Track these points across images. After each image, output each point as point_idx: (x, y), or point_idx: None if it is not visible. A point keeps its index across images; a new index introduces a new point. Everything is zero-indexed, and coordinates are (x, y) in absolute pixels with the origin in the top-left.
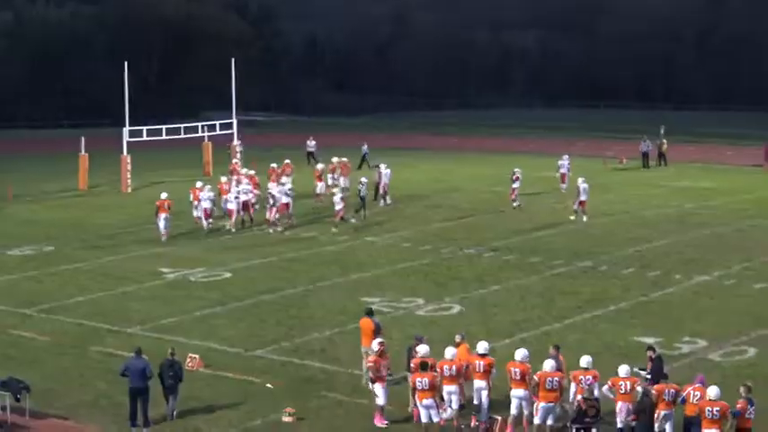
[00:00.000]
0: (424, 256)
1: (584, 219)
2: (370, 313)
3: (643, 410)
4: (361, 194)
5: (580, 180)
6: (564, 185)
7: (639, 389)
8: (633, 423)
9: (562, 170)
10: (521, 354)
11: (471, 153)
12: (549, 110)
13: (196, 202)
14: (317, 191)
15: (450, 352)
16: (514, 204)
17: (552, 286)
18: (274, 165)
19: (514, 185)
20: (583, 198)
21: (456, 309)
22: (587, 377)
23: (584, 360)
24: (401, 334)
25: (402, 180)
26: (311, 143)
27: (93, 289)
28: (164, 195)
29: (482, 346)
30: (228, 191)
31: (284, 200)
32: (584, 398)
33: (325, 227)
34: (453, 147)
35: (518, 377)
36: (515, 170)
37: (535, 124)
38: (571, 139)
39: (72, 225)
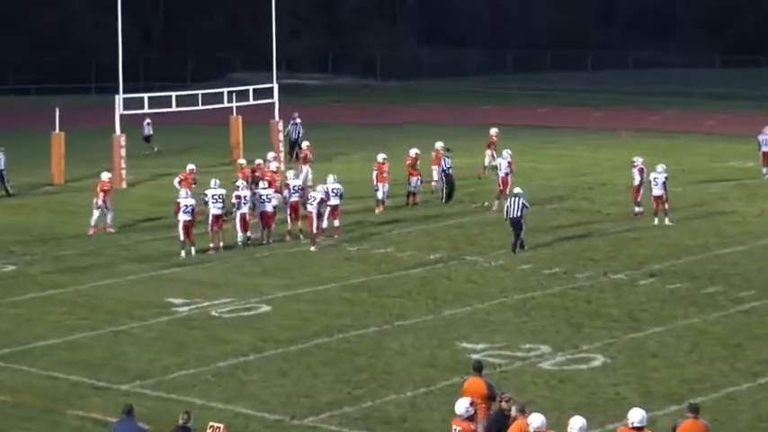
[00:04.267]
0: (551, 283)
1: (667, 221)
2: (479, 370)
3: None
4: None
5: (659, 168)
6: (766, 170)
7: None
8: None
9: (765, 147)
10: (579, 422)
11: (619, 132)
12: (734, 69)
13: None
14: (410, 189)
15: (538, 419)
16: (636, 210)
17: (740, 329)
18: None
19: (636, 181)
20: (657, 192)
21: (598, 360)
22: None
23: None
24: (520, 396)
25: (520, 173)
26: (297, 122)
27: (71, 327)
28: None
29: (637, 416)
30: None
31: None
32: None
33: (408, 241)
34: (594, 124)
35: None
36: (635, 160)
37: (714, 90)
38: (766, 113)
39: (42, 235)
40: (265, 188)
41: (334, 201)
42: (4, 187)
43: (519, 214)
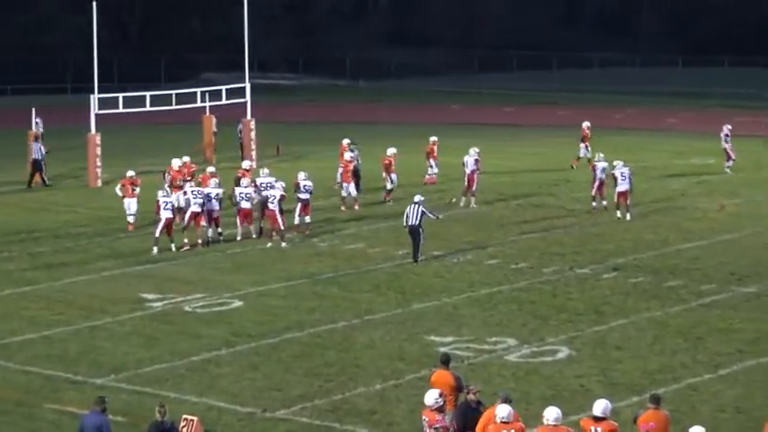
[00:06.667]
0: (517, 277)
1: (628, 216)
2: (446, 362)
3: None
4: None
5: (619, 164)
6: (729, 164)
7: None
8: None
9: (724, 144)
10: (554, 413)
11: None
12: (695, 68)
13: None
14: (388, 186)
15: (505, 410)
16: (593, 205)
17: (701, 321)
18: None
19: (595, 178)
20: (623, 188)
21: (563, 353)
22: (597, 428)
23: None
24: (486, 387)
25: (487, 170)
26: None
27: (47, 323)
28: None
29: (599, 407)
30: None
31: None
32: None
33: (379, 237)
34: (558, 122)
35: None
36: (598, 156)
37: (676, 89)
38: (728, 113)
39: (18, 233)
40: (246, 186)
41: (304, 196)
42: (42, 177)
43: (417, 222)
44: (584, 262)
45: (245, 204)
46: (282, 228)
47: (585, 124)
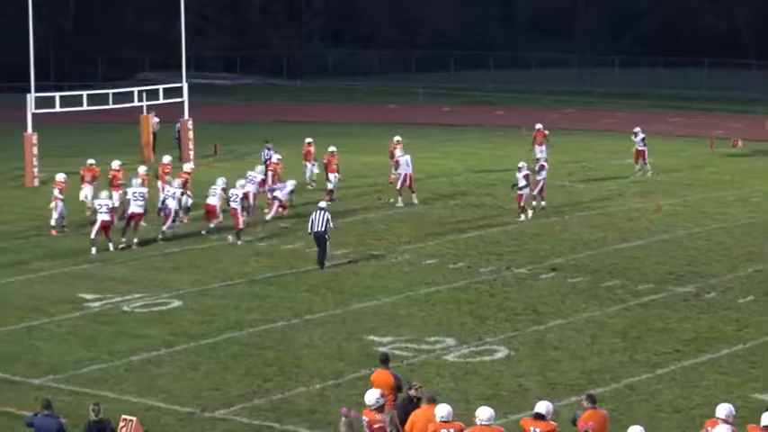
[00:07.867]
0: (455, 277)
1: (524, 217)
2: (385, 362)
3: None
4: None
5: (523, 166)
6: (639, 166)
7: None
8: None
9: (639, 146)
10: (487, 413)
11: (519, 130)
12: (632, 69)
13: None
14: (329, 186)
15: (444, 409)
16: (521, 217)
17: (638, 321)
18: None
19: (521, 188)
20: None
21: (501, 352)
22: (536, 428)
23: (723, 410)
24: (425, 387)
25: (424, 170)
26: (155, 121)
27: None
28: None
29: (542, 407)
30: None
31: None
32: None
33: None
34: (496, 122)
35: None
36: (521, 165)
37: (613, 90)
38: (663, 113)
39: None
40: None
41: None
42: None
43: (324, 228)
44: (522, 262)
45: (212, 200)
46: (241, 227)
47: (538, 126)
